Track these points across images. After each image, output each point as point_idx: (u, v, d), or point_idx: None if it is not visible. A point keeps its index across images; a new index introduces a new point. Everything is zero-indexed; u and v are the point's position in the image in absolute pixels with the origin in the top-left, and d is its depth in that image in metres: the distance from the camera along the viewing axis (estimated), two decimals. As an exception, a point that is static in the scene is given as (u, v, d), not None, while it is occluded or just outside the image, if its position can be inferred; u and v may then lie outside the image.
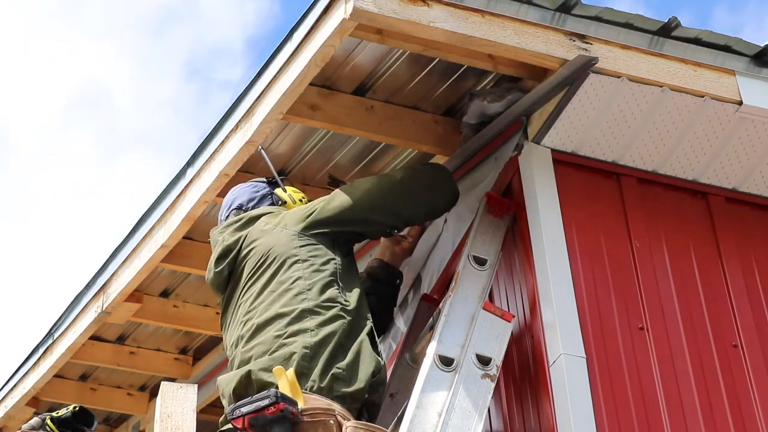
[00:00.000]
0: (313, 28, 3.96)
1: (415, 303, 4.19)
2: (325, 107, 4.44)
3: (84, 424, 4.69)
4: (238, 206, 4.09)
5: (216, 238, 4.00)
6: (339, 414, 3.31)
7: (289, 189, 4.16)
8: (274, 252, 3.74)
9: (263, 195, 4.12)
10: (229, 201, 4.16)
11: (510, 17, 3.89)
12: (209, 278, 3.96)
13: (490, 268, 3.84)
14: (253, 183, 4.21)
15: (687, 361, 3.82)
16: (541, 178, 3.99)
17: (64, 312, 5.85)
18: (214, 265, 3.92)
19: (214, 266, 3.92)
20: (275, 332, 3.52)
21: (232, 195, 4.18)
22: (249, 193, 4.13)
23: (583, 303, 3.78)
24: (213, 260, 3.94)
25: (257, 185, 4.18)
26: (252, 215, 3.96)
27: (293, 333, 3.49)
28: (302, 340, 3.46)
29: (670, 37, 4.11)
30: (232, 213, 4.08)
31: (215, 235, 4.02)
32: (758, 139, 4.26)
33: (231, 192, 4.22)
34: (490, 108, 4.28)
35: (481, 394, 3.47)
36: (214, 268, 3.92)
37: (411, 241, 4.23)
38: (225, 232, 3.96)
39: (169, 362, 6.37)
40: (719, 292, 4.06)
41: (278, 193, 4.12)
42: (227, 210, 4.12)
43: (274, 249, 3.74)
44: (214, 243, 4.00)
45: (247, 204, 4.08)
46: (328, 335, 3.49)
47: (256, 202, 4.09)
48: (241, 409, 3.19)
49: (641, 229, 4.07)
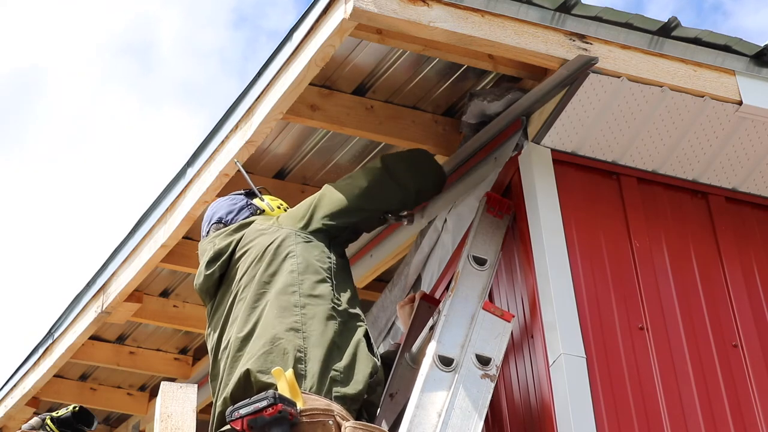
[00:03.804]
0: (313, 28, 3.96)
1: (415, 303, 4.19)
2: (325, 107, 4.44)
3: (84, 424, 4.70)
4: (218, 220, 4.11)
5: (204, 247, 4.03)
6: (338, 414, 3.30)
7: (266, 197, 4.20)
8: (271, 249, 3.75)
9: (241, 207, 4.13)
10: (209, 215, 4.18)
11: (510, 17, 3.89)
12: (198, 283, 3.97)
13: (490, 268, 3.84)
14: (232, 196, 4.24)
15: (687, 361, 3.81)
16: (541, 178, 3.99)
17: (64, 312, 5.85)
18: (204, 268, 3.94)
19: (205, 269, 3.94)
20: (270, 328, 3.53)
21: (211, 210, 4.20)
22: (227, 206, 4.15)
23: (583, 303, 3.78)
24: (203, 265, 3.96)
25: (235, 198, 4.21)
26: (242, 222, 4.00)
27: (288, 328, 3.50)
28: (295, 338, 3.47)
29: (670, 37, 4.11)
30: (213, 227, 4.09)
31: (203, 244, 4.05)
32: (758, 139, 4.26)
33: (210, 206, 4.24)
34: (490, 108, 4.28)
35: (481, 394, 3.47)
36: (204, 272, 3.94)
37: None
38: (216, 239, 3.99)
39: (169, 362, 6.37)
40: (719, 292, 4.06)
41: (256, 203, 4.14)
42: (207, 225, 4.14)
43: (271, 247, 3.76)
44: (202, 252, 4.03)
45: (226, 217, 4.10)
46: (322, 334, 3.49)
47: (236, 214, 4.10)
48: (240, 410, 3.19)
49: (641, 229, 4.07)
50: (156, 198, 5.07)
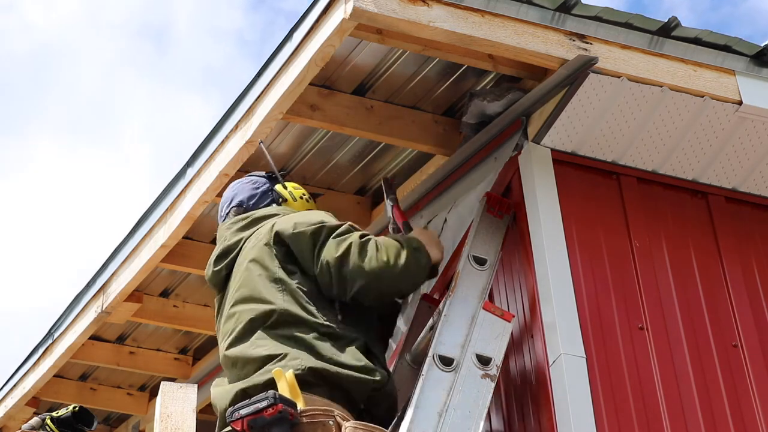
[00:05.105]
0: (313, 28, 3.96)
1: (415, 303, 4.19)
2: (325, 107, 4.44)
3: (84, 424, 4.71)
4: (239, 203, 3.99)
5: (223, 233, 3.90)
6: (338, 415, 3.30)
7: (289, 185, 4.08)
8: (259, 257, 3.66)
9: (263, 192, 4.01)
10: (228, 196, 4.05)
11: (510, 17, 3.89)
12: (208, 275, 3.88)
13: (490, 268, 3.84)
14: (253, 178, 4.10)
15: (687, 361, 3.81)
16: (541, 178, 3.99)
17: (64, 312, 5.85)
18: (213, 263, 3.84)
19: (213, 265, 3.84)
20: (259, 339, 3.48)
21: (231, 191, 4.06)
22: (249, 190, 4.02)
23: (583, 303, 3.78)
24: (213, 258, 3.86)
25: (257, 181, 4.08)
26: (257, 216, 3.85)
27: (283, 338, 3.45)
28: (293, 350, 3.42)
29: (669, 37, 4.11)
30: (233, 210, 3.97)
31: (222, 230, 3.92)
32: (758, 139, 4.26)
33: (230, 187, 4.10)
34: (490, 108, 4.28)
35: (481, 394, 3.47)
36: (213, 267, 3.84)
37: None
38: (231, 229, 3.86)
39: (169, 362, 6.37)
40: (719, 292, 4.06)
41: (278, 190, 4.03)
42: (227, 207, 4.01)
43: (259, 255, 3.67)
44: (220, 238, 3.91)
45: (247, 202, 3.98)
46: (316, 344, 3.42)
47: (257, 199, 3.99)
48: (240, 411, 3.18)
49: (641, 229, 4.07)
50: (156, 198, 5.08)
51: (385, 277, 3.51)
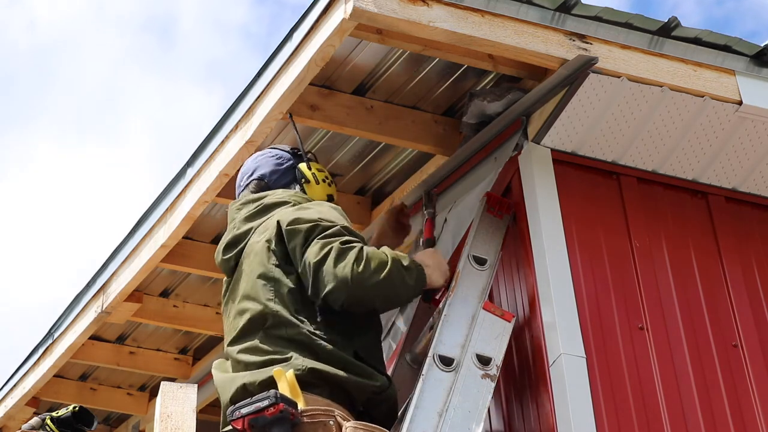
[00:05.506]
0: (313, 28, 3.96)
1: (415, 303, 4.19)
2: (325, 107, 4.44)
3: (84, 424, 4.70)
4: (260, 177, 3.87)
5: (233, 215, 3.79)
6: (339, 415, 3.30)
7: (313, 166, 3.92)
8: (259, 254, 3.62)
9: (287, 168, 3.89)
10: (250, 168, 3.91)
11: (510, 17, 3.89)
12: (218, 260, 3.78)
13: (490, 268, 3.84)
14: (278, 152, 3.94)
15: (687, 361, 3.81)
16: (541, 178, 3.99)
17: (64, 312, 5.86)
18: (222, 251, 3.75)
19: (223, 253, 3.74)
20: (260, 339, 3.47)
21: (254, 162, 3.91)
22: (272, 165, 3.89)
23: (583, 303, 3.78)
24: (222, 245, 3.76)
25: (282, 156, 3.92)
26: (268, 203, 3.73)
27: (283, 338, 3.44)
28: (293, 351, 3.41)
29: (669, 37, 4.11)
30: (253, 183, 3.86)
31: (232, 211, 3.81)
32: (758, 139, 4.26)
33: (253, 158, 3.95)
34: (490, 108, 4.28)
35: (481, 394, 3.47)
36: (222, 254, 3.75)
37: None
38: (241, 214, 3.75)
39: (169, 362, 6.37)
40: (719, 292, 4.06)
41: (302, 169, 3.89)
42: (247, 178, 3.87)
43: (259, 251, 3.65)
44: (230, 219, 3.81)
45: (270, 176, 3.86)
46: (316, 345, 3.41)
47: (279, 176, 3.87)
48: (241, 410, 3.18)
49: (641, 229, 4.07)
50: (156, 198, 5.08)
51: (355, 286, 3.37)
